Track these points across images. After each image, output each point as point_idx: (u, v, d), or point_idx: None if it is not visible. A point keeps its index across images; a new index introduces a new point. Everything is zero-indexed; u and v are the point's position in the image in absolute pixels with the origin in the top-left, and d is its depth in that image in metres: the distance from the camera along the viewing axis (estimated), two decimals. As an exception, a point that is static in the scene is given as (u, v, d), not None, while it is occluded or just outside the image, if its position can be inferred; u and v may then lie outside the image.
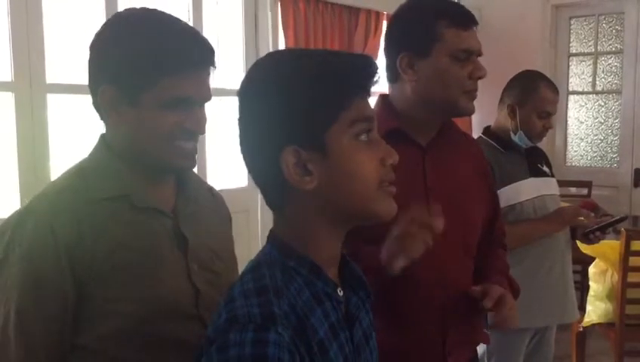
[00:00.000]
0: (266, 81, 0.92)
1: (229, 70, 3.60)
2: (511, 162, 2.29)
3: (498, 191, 2.18)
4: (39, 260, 1.06)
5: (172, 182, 1.23)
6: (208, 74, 1.16)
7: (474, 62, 1.43)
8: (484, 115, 4.52)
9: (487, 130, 2.40)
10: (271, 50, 3.61)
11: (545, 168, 2.38)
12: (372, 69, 0.94)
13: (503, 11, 4.88)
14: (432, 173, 1.49)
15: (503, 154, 2.29)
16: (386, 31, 1.53)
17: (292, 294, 0.89)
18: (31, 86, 2.63)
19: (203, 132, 1.17)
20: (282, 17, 3.60)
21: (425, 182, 1.48)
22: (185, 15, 3.31)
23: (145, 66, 1.09)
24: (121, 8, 1.24)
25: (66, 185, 1.15)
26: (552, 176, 2.42)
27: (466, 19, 1.43)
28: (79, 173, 1.17)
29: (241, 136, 0.95)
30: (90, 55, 1.15)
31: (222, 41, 3.62)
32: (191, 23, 3.31)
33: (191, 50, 1.12)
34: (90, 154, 1.20)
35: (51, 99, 2.72)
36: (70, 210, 1.09)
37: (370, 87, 0.95)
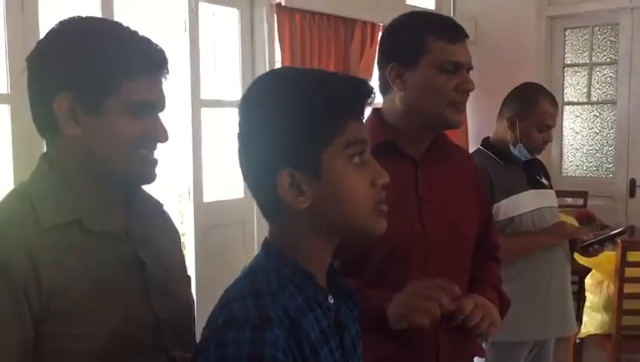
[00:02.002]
0: (264, 105, 0.95)
1: (225, 82, 3.61)
2: (510, 174, 2.29)
3: (497, 204, 2.19)
4: None
5: (122, 203, 1.16)
6: (163, 80, 1.13)
7: (462, 75, 1.44)
8: (480, 125, 4.58)
9: (486, 142, 2.40)
10: (267, 61, 3.63)
11: (544, 180, 2.39)
12: (367, 93, 0.97)
13: (498, 22, 4.91)
14: (425, 186, 1.50)
15: (502, 166, 2.30)
16: (379, 43, 1.56)
17: (286, 299, 0.92)
18: (27, 98, 2.62)
19: (166, 140, 1.13)
20: (278, 29, 3.60)
21: (417, 195, 1.49)
22: (182, 27, 3.31)
23: (106, 71, 1.04)
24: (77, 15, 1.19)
25: (12, 215, 1.05)
26: (551, 188, 2.42)
27: (455, 33, 1.45)
28: (24, 199, 1.06)
29: (239, 150, 0.99)
30: (34, 65, 1.08)
31: (218, 53, 3.63)
32: (187, 35, 3.35)
33: (150, 53, 1.09)
34: (32, 178, 1.11)
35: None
36: (20, 242, 1.00)
37: (364, 109, 0.98)
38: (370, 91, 0.97)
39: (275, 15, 3.60)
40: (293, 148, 0.92)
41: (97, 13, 2.90)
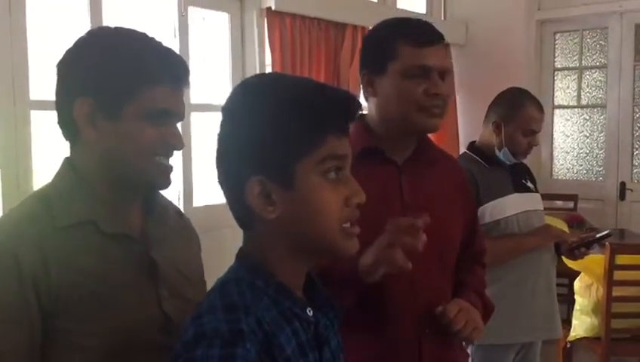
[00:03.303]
0: (243, 108, 0.94)
1: (215, 86, 3.61)
2: (495, 178, 2.30)
3: (482, 207, 2.20)
4: (3, 291, 1.02)
5: (140, 205, 1.19)
6: (183, 91, 1.16)
7: (431, 79, 1.43)
8: (471, 129, 4.59)
9: (471, 146, 2.41)
10: (257, 65, 3.64)
11: (529, 184, 2.40)
12: (352, 109, 0.94)
13: (488, 27, 4.93)
14: (409, 190, 1.50)
15: (487, 169, 2.30)
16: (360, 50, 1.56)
17: (260, 311, 0.90)
18: (15, 103, 2.62)
19: (182, 147, 1.16)
20: (269, 33, 3.60)
21: (401, 200, 1.49)
22: (171, 31, 3.31)
23: (127, 76, 1.07)
24: (106, 25, 1.22)
25: (29, 212, 1.10)
26: (537, 191, 2.43)
27: (424, 37, 1.44)
28: (43, 199, 1.11)
29: (217, 152, 0.98)
30: (62, 71, 1.12)
31: (209, 57, 3.63)
32: (177, 40, 3.35)
33: (172, 62, 1.12)
34: (53, 179, 1.15)
35: (35, 115, 2.70)
36: (34, 239, 1.04)
37: (347, 125, 0.95)
38: (355, 107, 0.94)
39: (266, 19, 3.60)
40: (266, 155, 0.90)
41: (86, 18, 2.90)
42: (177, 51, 3.55)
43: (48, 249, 1.04)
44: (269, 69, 3.62)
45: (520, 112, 2.28)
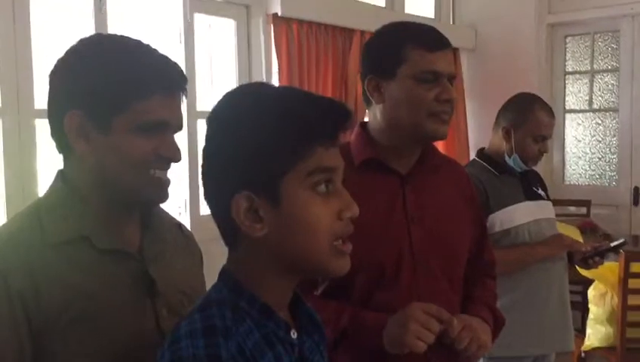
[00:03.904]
0: (227, 120, 0.90)
1: (221, 93, 3.58)
2: (505, 185, 2.25)
3: (492, 216, 2.15)
4: None
5: (137, 220, 1.14)
6: (181, 100, 1.12)
7: (442, 84, 1.39)
8: (480, 135, 4.54)
9: (481, 153, 2.37)
10: (264, 72, 3.61)
11: (540, 191, 2.34)
12: (341, 118, 0.90)
13: (498, 31, 4.88)
14: (413, 202, 1.45)
15: (497, 177, 2.25)
16: (360, 55, 1.51)
17: (241, 335, 0.85)
18: (19, 112, 2.60)
19: (178, 159, 1.10)
20: (275, 40, 3.57)
21: (405, 212, 1.44)
22: (177, 38, 3.29)
23: (116, 87, 1.03)
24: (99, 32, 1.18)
25: (18, 228, 1.05)
26: (548, 199, 2.38)
27: (434, 41, 1.40)
28: (33, 214, 1.07)
29: (202, 166, 0.93)
30: (53, 81, 1.08)
31: (215, 64, 3.60)
32: (183, 46, 3.33)
33: (166, 71, 1.07)
34: (46, 194, 1.11)
35: (40, 124, 2.68)
36: (23, 257, 1.00)
37: (336, 135, 0.91)
38: (345, 116, 0.90)
39: (272, 25, 3.57)
40: (251, 169, 0.86)
41: (90, 25, 2.88)
42: (183, 58, 3.53)
43: (38, 267, 0.99)
44: (275, 76, 3.59)
45: (530, 118, 2.23)
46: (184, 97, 1.12)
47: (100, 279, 1.04)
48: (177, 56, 3.28)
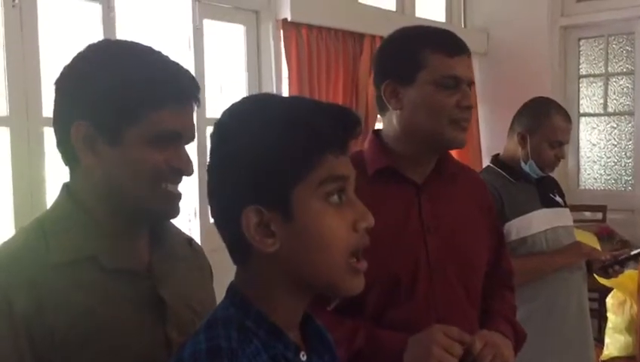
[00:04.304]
0: (233, 131, 0.86)
1: (231, 100, 3.55)
2: (521, 192, 2.19)
3: (508, 224, 2.09)
4: None
5: (146, 236, 1.09)
6: (193, 110, 1.07)
7: (462, 90, 1.35)
8: (493, 141, 4.48)
9: (495, 159, 2.31)
10: (274, 78, 3.58)
11: (557, 198, 2.28)
12: (351, 126, 0.86)
13: (510, 34, 4.83)
14: (429, 212, 1.40)
15: (512, 184, 2.20)
16: (373, 60, 1.47)
17: (247, 357, 0.81)
18: (28, 120, 2.58)
19: (191, 173, 1.05)
20: (285, 45, 3.54)
21: (421, 222, 1.39)
22: (186, 44, 3.27)
23: (128, 97, 0.98)
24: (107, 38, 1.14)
25: (22, 246, 1.00)
26: (566, 206, 2.31)
27: (453, 46, 1.36)
28: (37, 231, 1.01)
29: (208, 183, 0.88)
30: (59, 90, 1.03)
31: (224, 71, 3.58)
32: (192, 52, 3.30)
33: (178, 81, 1.02)
34: (51, 208, 1.06)
35: (48, 132, 2.66)
36: (28, 277, 0.95)
37: (347, 143, 0.87)
38: (354, 123, 0.86)
39: (282, 31, 3.54)
40: (260, 182, 0.82)
41: (99, 30, 2.86)
42: (192, 64, 3.51)
43: (43, 288, 0.94)
44: (285, 81, 3.56)
45: (546, 123, 2.17)
46: (196, 106, 1.07)
47: (107, 300, 0.99)
48: (186, 63, 3.25)
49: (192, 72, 3.25)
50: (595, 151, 4.84)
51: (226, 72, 3.59)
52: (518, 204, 2.14)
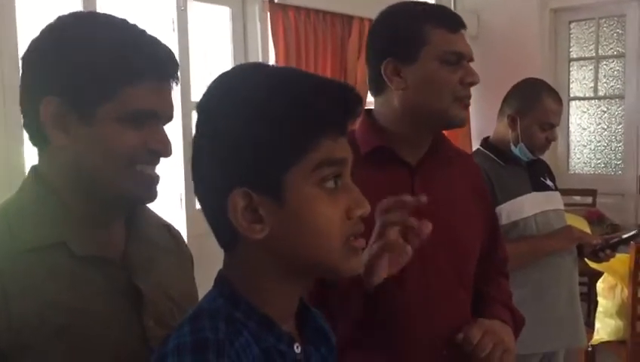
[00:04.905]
0: (220, 106, 0.79)
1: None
2: (511, 176, 2.15)
3: (498, 208, 2.05)
4: None
5: (122, 223, 1.03)
6: (172, 88, 1.00)
7: (465, 66, 1.30)
8: (483, 124, 4.44)
9: (485, 142, 2.27)
10: (260, 60, 3.51)
11: (548, 181, 2.24)
12: (351, 105, 0.79)
13: (501, 16, 4.77)
14: (422, 194, 1.35)
15: (502, 167, 2.15)
16: (368, 38, 1.40)
17: (236, 351, 0.76)
18: (5, 103, 2.51)
19: (169, 154, 0.99)
20: (272, 27, 3.48)
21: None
22: (170, 26, 3.19)
23: (102, 73, 0.92)
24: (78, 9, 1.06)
25: None
26: (556, 189, 2.28)
27: (454, 21, 1.31)
28: (2, 217, 0.95)
29: (192, 159, 0.82)
30: (26, 65, 0.96)
31: (210, 53, 3.51)
32: (176, 35, 3.23)
33: (155, 56, 0.96)
34: (18, 192, 0.99)
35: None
36: None
37: (346, 124, 0.80)
38: (355, 102, 0.80)
39: (269, 13, 3.47)
40: (249, 163, 0.76)
41: (79, 9, 2.78)
42: (176, 47, 3.41)
43: (8, 277, 0.89)
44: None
45: (537, 105, 2.13)
46: (175, 85, 1.01)
47: (79, 289, 0.93)
48: (171, 45, 3.18)
49: (177, 54, 3.16)
50: (584, 136, 4.82)
51: (212, 55, 3.52)
52: (509, 187, 2.11)
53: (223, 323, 0.77)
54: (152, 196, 1.01)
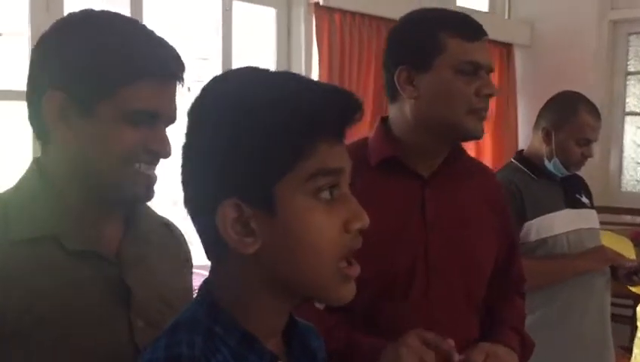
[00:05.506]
0: (210, 111, 0.76)
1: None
2: (544, 191, 2.08)
3: (528, 223, 1.99)
4: None
5: (120, 220, 1.04)
6: (175, 89, 1.01)
7: (482, 77, 1.27)
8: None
9: (519, 155, 2.20)
10: (304, 63, 3.51)
11: (584, 198, 2.16)
12: (349, 110, 0.75)
13: (556, 27, 4.63)
14: (433, 208, 1.32)
15: (534, 181, 2.09)
16: (385, 44, 1.38)
17: None
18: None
19: (168, 155, 1.00)
20: (317, 30, 3.48)
21: (424, 218, 1.31)
22: (215, 28, 3.23)
23: (103, 70, 0.94)
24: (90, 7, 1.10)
25: None
26: (592, 207, 2.19)
27: (472, 30, 1.28)
28: (1, 207, 0.97)
29: (181, 167, 0.80)
30: (34, 57, 0.99)
31: (253, 56, 3.54)
32: (220, 36, 3.27)
33: (158, 56, 0.97)
34: (17, 183, 1.01)
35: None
36: None
37: (343, 130, 0.77)
38: (353, 107, 0.75)
39: (314, 15, 3.48)
40: (240, 171, 0.72)
41: (126, 13, 2.85)
42: (220, 48, 3.44)
43: None
44: (315, 68, 3.50)
45: (573, 118, 2.06)
46: (180, 86, 1.02)
47: (67, 282, 0.94)
48: (215, 46, 3.23)
49: (220, 56, 3.19)
50: (639, 152, 4.62)
51: (255, 57, 3.55)
52: (540, 203, 2.04)
53: (200, 337, 0.74)
54: (149, 195, 1.02)
